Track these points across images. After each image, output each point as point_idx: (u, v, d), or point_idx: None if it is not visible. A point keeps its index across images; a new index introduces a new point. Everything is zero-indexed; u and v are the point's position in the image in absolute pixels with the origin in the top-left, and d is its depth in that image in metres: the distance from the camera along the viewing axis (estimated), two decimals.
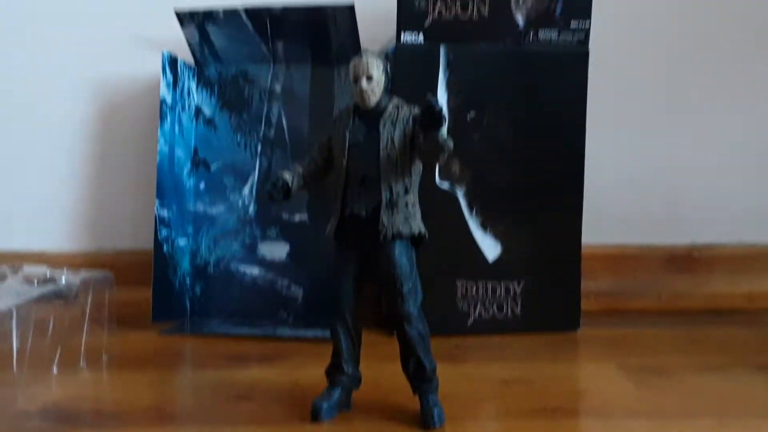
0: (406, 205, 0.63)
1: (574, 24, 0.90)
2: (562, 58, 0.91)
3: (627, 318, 1.01)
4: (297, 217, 1.00)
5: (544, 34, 0.90)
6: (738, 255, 1.06)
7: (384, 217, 0.62)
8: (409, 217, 0.62)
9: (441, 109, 0.54)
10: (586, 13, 0.90)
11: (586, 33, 0.90)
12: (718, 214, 1.07)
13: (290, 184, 0.65)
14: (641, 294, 1.05)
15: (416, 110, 0.62)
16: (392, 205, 0.62)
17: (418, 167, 0.63)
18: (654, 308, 1.04)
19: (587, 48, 0.91)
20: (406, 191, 0.62)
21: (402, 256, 0.63)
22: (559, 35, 0.90)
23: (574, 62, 0.91)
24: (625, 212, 1.06)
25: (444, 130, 0.56)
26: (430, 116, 0.55)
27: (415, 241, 0.64)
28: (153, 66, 0.99)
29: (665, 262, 1.06)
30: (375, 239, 0.62)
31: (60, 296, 0.78)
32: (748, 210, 1.07)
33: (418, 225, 0.63)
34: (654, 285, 1.05)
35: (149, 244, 0.96)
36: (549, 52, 0.90)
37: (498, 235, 0.92)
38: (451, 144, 0.56)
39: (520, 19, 0.90)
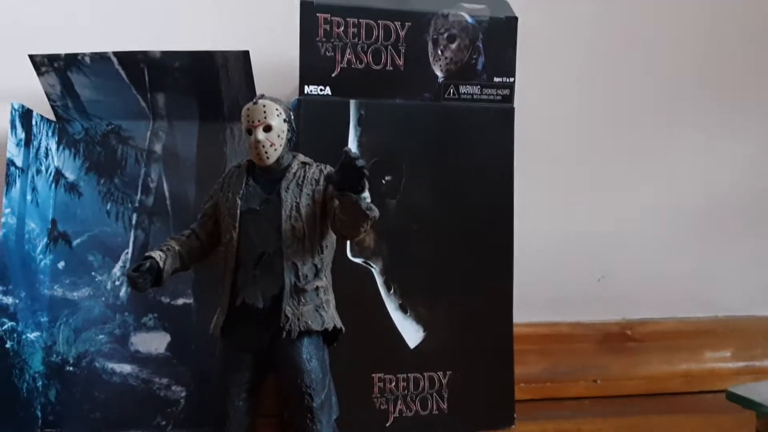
0: (317, 291, 0.48)
1: (497, 79, 0.81)
2: (486, 116, 0.81)
3: (563, 407, 0.90)
4: (180, 301, 0.83)
5: (465, 90, 0.80)
6: (672, 331, 0.99)
7: (288, 309, 0.47)
8: (320, 306, 0.48)
9: (364, 165, 0.41)
10: (510, 67, 0.81)
11: (511, 89, 0.82)
12: (650, 288, 0.99)
13: (161, 265, 0.49)
14: (576, 378, 0.94)
15: (329, 169, 0.49)
16: (299, 291, 0.47)
17: (331, 241, 0.50)
18: (590, 394, 0.94)
19: (512, 105, 0.82)
20: (317, 273, 0.48)
21: (312, 358, 0.48)
22: (481, 91, 0.81)
23: (499, 120, 0.81)
24: (554, 286, 0.97)
25: (367, 192, 0.42)
26: (351, 174, 0.42)
27: (328, 336, 0.50)
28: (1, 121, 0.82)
29: (598, 341, 0.96)
30: (275, 337, 0.47)
31: None
32: (681, 282, 1.00)
33: (332, 317, 0.49)
34: (588, 367, 0.95)
35: None
36: (472, 108, 0.81)
37: (420, 318, 0.79)
38: (376, 212, 0.43)
39: (439, 72, 0.80)
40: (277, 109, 0.49)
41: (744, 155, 1.04)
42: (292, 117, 0.50)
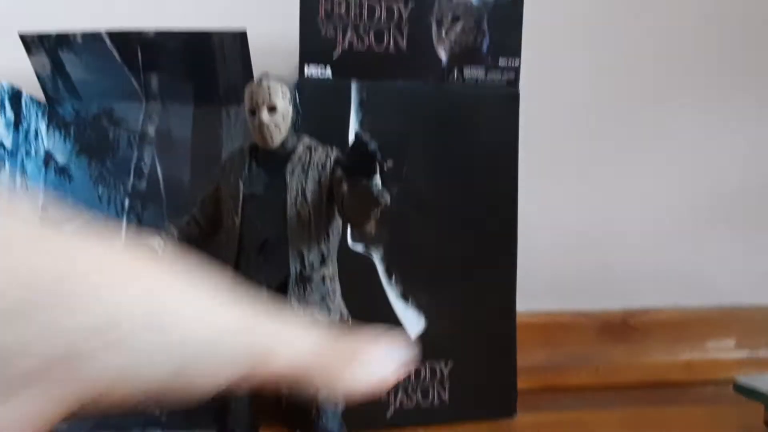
0: (323, 279, 0.47)
1: (502, 62, 0.79)
2: (490, 100, 0.79)
3: (564, 396, 0.89)
4: None
5: (469, 72, 0.78)
6: (674, 320, 0.97)
7: (293, 298, 0.45)
8: (326, 296, 0.46)
9: (376, 149, 0.39)
10: (515, 50, 0.79)
11: (516, 72, 0.79)
12: (652, 276, 0.98)
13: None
14: (577, 367, 0.93)
15: (335, 153, 0.47)
16: (304, 280, 0.45)
17: (337, 227, 0.48)
18: (591, 383, 0.92)
19: (518, 89, 0.80)
20: (323, 261, 0.46)
21: None
22: (486, 74, 0.79)
23: (504, 104, 0.79)
24: (555, 275, 0.95)
25: (378, 177, 0.40)
26: (362, 158, 0.39)
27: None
28: None
29: (599, 330, 0.95)
30: None
31: None
32: (683, 271, 0.98)
33: (338, 306, 0.47)
34: (589, 356, 0.94)
35: None
36: (476, 92, 0.79)
37: (421, 307, 0.77)
38: (387, 197, 0.41)
39: (443, 54, 0.77)
40: (282, 90, 0.47)
41: (746, 143, 1.02)
42: (297, 96, 0.48)
